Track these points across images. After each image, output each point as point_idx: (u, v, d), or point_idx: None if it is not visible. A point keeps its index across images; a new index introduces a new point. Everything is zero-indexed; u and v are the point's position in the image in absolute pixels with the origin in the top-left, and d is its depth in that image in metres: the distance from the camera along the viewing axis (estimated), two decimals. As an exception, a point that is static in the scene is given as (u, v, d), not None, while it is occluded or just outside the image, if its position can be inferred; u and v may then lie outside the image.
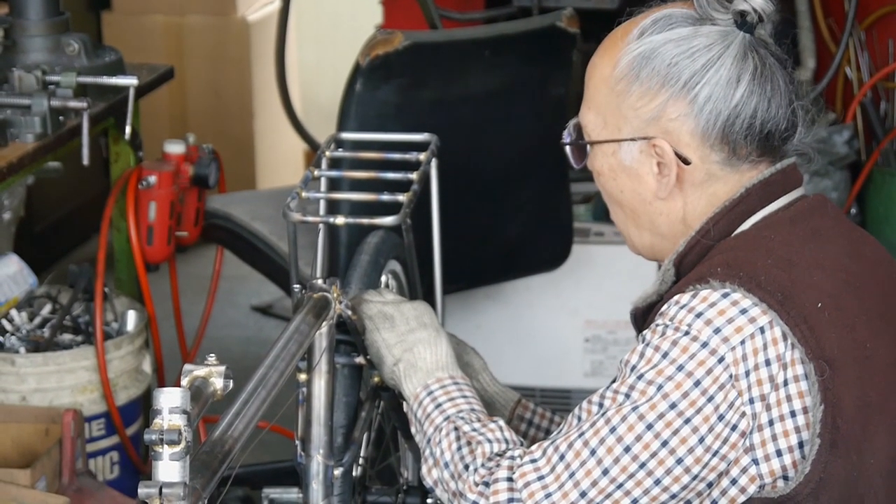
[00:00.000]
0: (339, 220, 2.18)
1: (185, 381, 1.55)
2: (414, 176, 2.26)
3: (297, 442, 2.08)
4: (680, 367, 1.74)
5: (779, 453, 1.75)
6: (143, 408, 3.07)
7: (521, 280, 3.36)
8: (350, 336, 2.09)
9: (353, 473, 2.13)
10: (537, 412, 2.20)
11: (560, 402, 3.55)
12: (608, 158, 1.88)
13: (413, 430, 1.98)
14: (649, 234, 1.90)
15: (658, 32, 1.83)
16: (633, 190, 1.88)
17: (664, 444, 1.74)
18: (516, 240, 3.15)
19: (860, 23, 3.66)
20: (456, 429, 1.91)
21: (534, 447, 1.82)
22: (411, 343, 2.03)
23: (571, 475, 1.77)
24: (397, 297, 2.12)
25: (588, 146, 1.91)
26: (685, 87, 1.81)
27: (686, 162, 1.84)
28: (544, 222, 3.19)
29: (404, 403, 2.05)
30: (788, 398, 1.75)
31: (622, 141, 1.86)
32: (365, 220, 2.16)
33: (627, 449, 1.75)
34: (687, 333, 1.75)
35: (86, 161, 2.84)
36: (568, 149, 1.94)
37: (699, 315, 1.75)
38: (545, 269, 3.28)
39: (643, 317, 1.91)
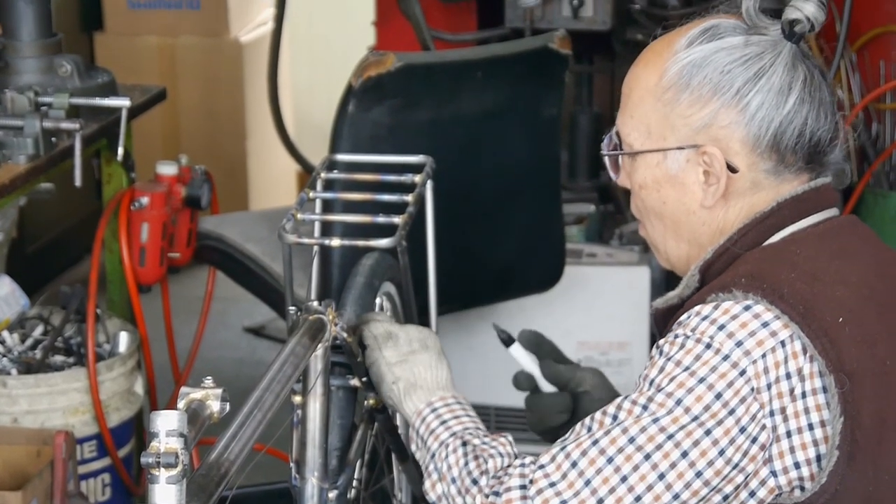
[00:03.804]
0: (335, 241, 2.18)
1: (181, 404, 1.55)
2: (409, 198, 2.26)
3: (292, 464, 2.07)
4: (701, 380, 1.74)
5: (797, 465, 1.76)
6: (135, 429, 3.07)
7: (513, 301, 3.36)
8: (345, 358, 2.09)
9: (348, 496, 2.12)
10: None
11: (553, 424, 3.55)
12: (652, 170, 1.88)
13: (413, 447, 1.97)
14: (687, 246, 1.90)
15: (708, 41, 1.84)
16: (678, 200, 1.88)
17: (684, 454, 1.73)
18: (509, 261, 3.15)
19: (851, 44, 3.67)
20: (464, 444, 1.91)
21: (542, 454, 1.81)
22: (412, 363, 2.04)
23: (587, 482, 1.76)
24: (405, 324, 2.12)
25: (628, 158, 1.90)
26: (737, 95, 1.82)
27: (734, 170, 1.84)
28: (537, 243, 3.19)
29: (398, 420, 2.04)
30: (806, 410, 1.75)
31: (669, 150, 1.86)
32: (361, 243, 2.16)
33: (647, 457, 1.74)
34: (709, 346, 1.75)
35: (78, 182, 2.84)
36: (607, 161, 1.94)
37: (721, 327, 1.75)
38: (538, 290, 3.27)
39: (663, 319, 1.91)
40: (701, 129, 1.84)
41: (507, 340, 2.18)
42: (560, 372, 2.16)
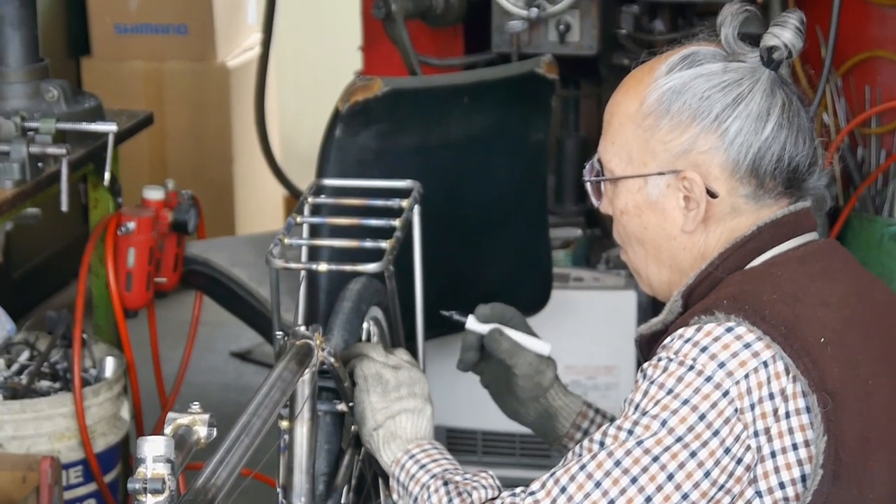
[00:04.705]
0: (323, 266, 2.18)
1: (168, 430, 1.54)
2: (397, 223, 2.26)
3: (279, 489, 2.07)
4: (685, 402, 1.75)
5: (781, 486, 1.76)
6: (121, 455, 3.06)
7: (501, 325, 3.36)
8: (333, 383, 2.09)
9: (335, 521, 2.12)
10: (595, 422, 2.21)
11: (540, 449, 3.54)
12: (633, 195, 1.89)
13: (395, 496, 1.98)
14: (669, 271, 1.91)
15: (687, 68, 1.86)
16: (659, 226, 1.89)
17: (670, 477, 1.74)
18: (496, 285, 3.15)
19: (837, 69, 3.69)
20: (446, 483, 1.91)
21: (533, 482, 1.81)
22: (395, 411, 2.04)
23: None
24: (399, 360, 2.12)
25: (610, 184, 1.91)
26: (716, 121, 1.84)
27: (713, 195, 1.85)
28: (524, 267, 3.19)
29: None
30: (790, 430, 1.76)
31: (650, 176, 1.87)
32: (348, 267, 2.16)
33: (634, 480, 1.74)
34: (692, 368, 1.76)
35: (64, 207, 2.84)
36: (589, 187, 1.95)
37: (704, 349, 1.76)
38: (525, 314, 3.27)
39: (648, 345, 1.92)
40: (681, 154, 1.85)
41: (461, 321, 2.24)
42: (499, 344, 2.21)
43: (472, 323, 2.26)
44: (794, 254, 1.87)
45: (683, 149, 1.85)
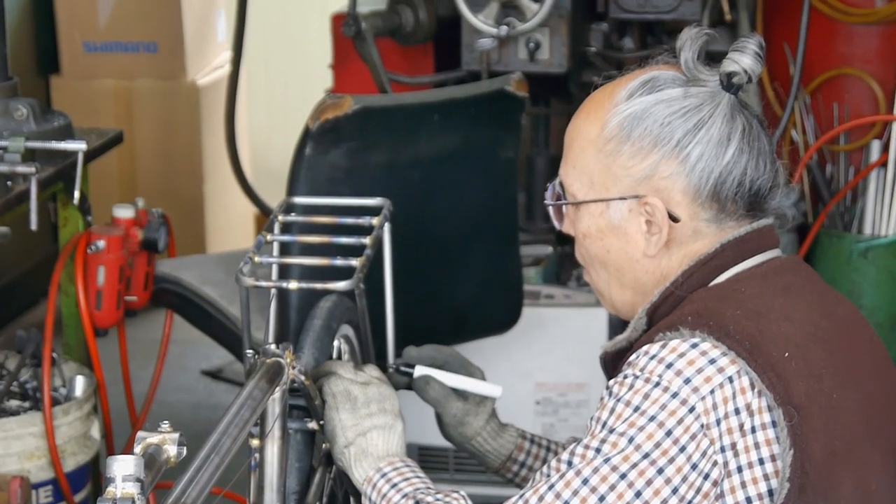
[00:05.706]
0: (293, 284, 2.18)
1: (138, 449, 1.54)
2: (367, 240, 2.27)
3: (250, 508, 2.07)
4: (651, 418, 1.76)
5: (748, 500, 1.77)
6: (91, 474, 3.04)
7: (471, 343, 3.36)
8: (303, 401, 2.09)
9: (306, 540, 2.11)
10: (531, 453, 2.21)
11: (512, 466, 3.54)
12: (595, 219, 1.90)
13: None
14: (632, 293, 1.93)
15: (648, 93, 1.86)
16: (621, 249, 1.90)
17: (637, 494, 1.74)
18: (467, 303, 3.15)
19: (805, 87, 3.71)
20: (417, 503, 1.91)
21: None
22: (366, 428, 2.04)
23: None
24: (368, 376, 2.12)
25: (572, 207, 1.92)
26: (678, 146, 1.84)
27: (675, 220, 1.86)
28: (494, 285, 3.19)
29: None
30: (756, 445, 1.76)
31: (612, 200, 1.87)
32: (318, 285, 2.16)
33: (602, 499, 1.75)
34: (657, 384, 1.76)
35: (34, 226, 2.83)
36: (551, 209, 1.96)
37: (669, 366, 1.77)
38: (496, 331, 3.28)
39: (612, 362, 1.93)
40: (642, 179, 1.86)
41: (408, 374, 2.25)
42: (425, 393, 2.24)
43: (419, 371, 2.26)
44: (757, 270, 1.88)
45: (645, 174, 1.86)
